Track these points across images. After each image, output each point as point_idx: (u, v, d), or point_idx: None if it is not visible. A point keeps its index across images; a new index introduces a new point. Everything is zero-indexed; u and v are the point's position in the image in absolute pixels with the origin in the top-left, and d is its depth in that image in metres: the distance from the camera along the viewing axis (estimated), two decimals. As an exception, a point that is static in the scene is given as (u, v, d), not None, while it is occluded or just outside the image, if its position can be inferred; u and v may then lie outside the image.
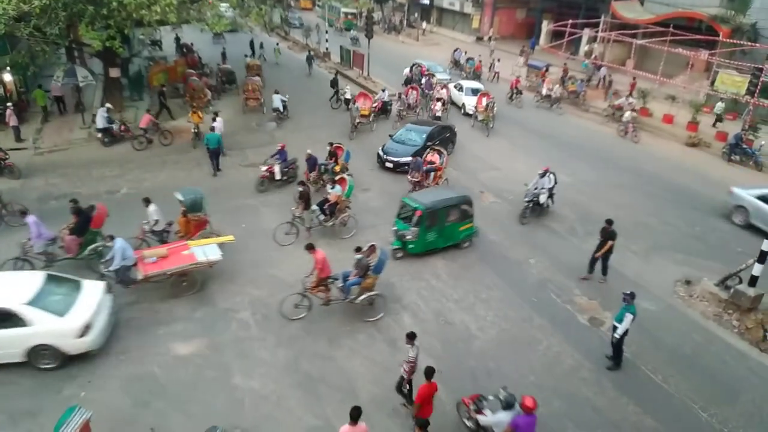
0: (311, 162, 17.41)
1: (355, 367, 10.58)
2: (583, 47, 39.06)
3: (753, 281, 12.61)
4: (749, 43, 27.27)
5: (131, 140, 20.56)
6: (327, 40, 39.72)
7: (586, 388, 10.45)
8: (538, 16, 46.14)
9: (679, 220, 17.32)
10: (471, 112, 26.30)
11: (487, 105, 24.87)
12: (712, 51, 28.88)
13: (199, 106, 24.82)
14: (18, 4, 16.05)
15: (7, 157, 17.66)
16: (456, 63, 37.48)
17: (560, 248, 15.38)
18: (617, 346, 10.76)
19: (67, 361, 10.13)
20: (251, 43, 36.52)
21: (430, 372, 8.54)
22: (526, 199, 16.38)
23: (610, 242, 13.12)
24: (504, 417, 8.13)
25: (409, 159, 18.82)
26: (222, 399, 9.74)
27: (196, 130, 21.06)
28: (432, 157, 18.28)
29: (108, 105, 20.95)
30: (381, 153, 20.24)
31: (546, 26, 42.93)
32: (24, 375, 9.95)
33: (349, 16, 51.20)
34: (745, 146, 22.13)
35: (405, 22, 56.31)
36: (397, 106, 25.82)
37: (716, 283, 13.45)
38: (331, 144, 18.32)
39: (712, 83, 27.56)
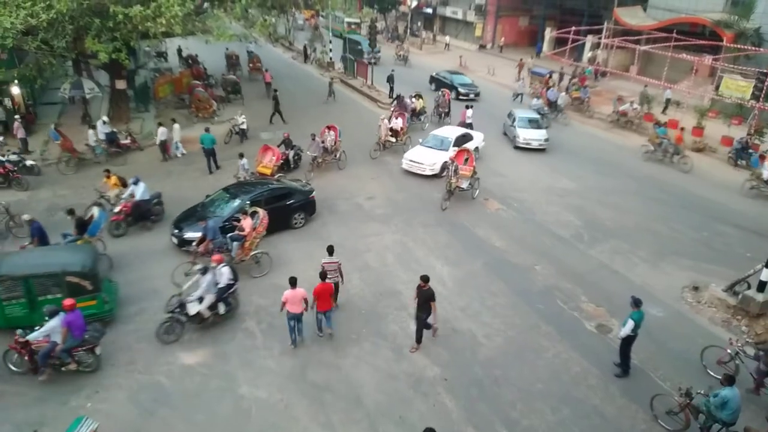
0: (33, 229, 13.13)
1: (360, 376, 10.55)
2: (587, 54, 39.09)
3: (761, 286, 12.50)
4: (753, 48, 27.22)
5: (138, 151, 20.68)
6: (331, 50, 39.97)
7: (594, 395, 10.37)
8: (540, 23, 46.29)
9: (685, 226, 17.22)
10: (429, 173, 19.82)
11: (446, 165, 18.45)
12: (716, 56, 28.80)
13: (204, 117, 25.15)
14: (25, 18, 16.26)
15: (15, 169, 17.83)
16: (551, 104, 28.37)
17: (566, 254, 15.32)
18: (622, 352, 10.68)
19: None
20: (305, 49, 42.80)
21: (323, 275, 10.84)
22: (169, 310, 11.22)
23: (432, 303, 10.84)
24: (54, 323, 9.65)
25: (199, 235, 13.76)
26: (228, 408, 9.73)
27: (106, 201, 15.81)
28: (244, 222, 13.56)
29: (104, 118, 21.14)
30: (172, 226, 14.98)
31: (549, 33, 43.04)
32: (31, 386, 9.98)
33: (353, 26, 51.50)
34: (751, 151, 22.03)
35: (408, 31, 56.60)
36: (309, 152, 19.84)
37: (724, 289, 13.35)
38: (71, 212, 13.87)
39: (717, 88, 27.48)
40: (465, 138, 21.46)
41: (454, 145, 20.43)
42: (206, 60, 33.74)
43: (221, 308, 11.60)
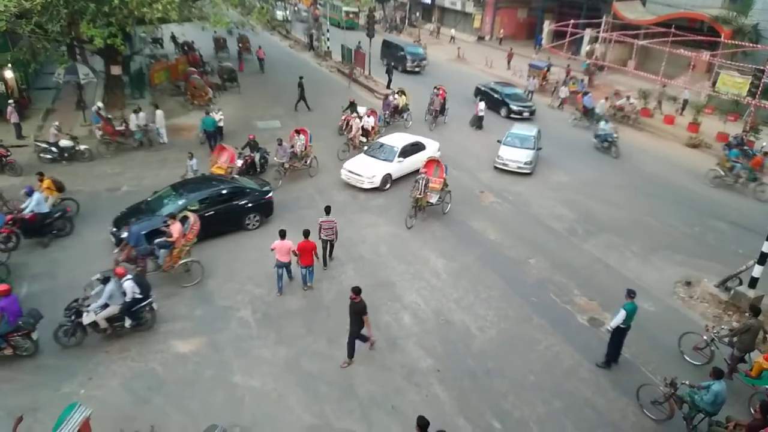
0: None
1: (354, 366, 10.59)
2: (585, 47, 39.01)
3: (753, 282, 12.61)
4: (751, 44, 27.24)
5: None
6: (328, 39, 39.73)
7: (586, 388, 10.46)
8: (539, 15, 46.12)
9: (678, 221, 17.32)
10: (367, 186, 17.88)
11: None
12: (714, 52, 28.85)
13: (199, 104, 24.98)
14: (19, 1, 16.06)
15: (8, 154, 17.71)
16: (587, 112, 26.11)
17: (560, 248, 15.38)
18: (611, 342, 10.80)
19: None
20: (310, 38, 42.27)
21: (306, 233, 12.15)
22: (66, 315, 10.53)
23: (364, 317, 10.27)
24: None
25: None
26: (222, 397, 9.76)
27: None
28: (173, 227, 12.41)
29: (99, 104, 21.03)
30: (112, 224, 13.99)
31: (547, 26, 42.89)
32: (24, 372, 10.00)
33: (351, 15, 51.17)
34: (746, 147, 22.12)
35: (407, 22, 56.36)
36: (276, 158, 18.17)
37: (716, 285, 13.46)
38: None
39: (714, 84, 27.54)
40: (415, 147, 19.36)
41: (399, 156, 18.54)
42: (195, 43, 33.47)
43: (127, 322, 10.80)
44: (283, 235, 12.16)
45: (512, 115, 26.45)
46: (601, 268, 14.51)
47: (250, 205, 15.13)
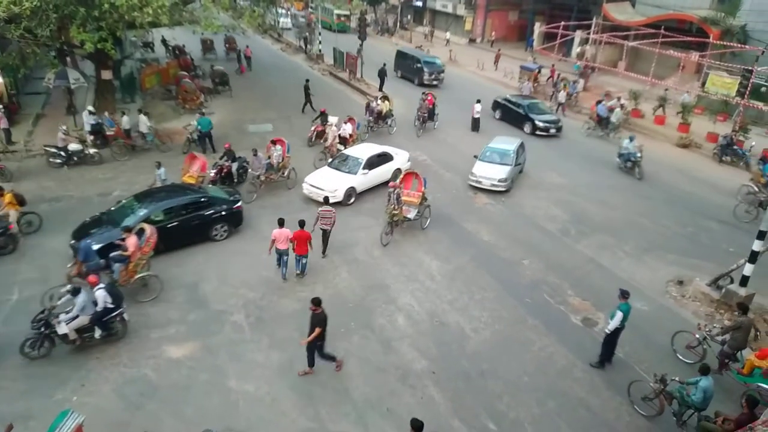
0: None
1: (348, 369, 10.57)
2: (575, 49, 39.27)
3: (744, 281, 12.71)
4: (739, 45, 27.52)
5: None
6: (320, 42, 39.75)
7: (580, 388, 10.49)
8: (530, 18, 46.41)
9: (671, 221, 17.42)
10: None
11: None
12: (703, 53, 29.12)
13: (191, 108, 24.91)
14: (8, 5, 15.91)
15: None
16: (601, 121, 25.06)
17: (554, 249, 15.44)
18: (606, 342, 10.85)
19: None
20: (304, 40, 42.75)
21: (301, 223, 12.75)
22: (34, 327, 10.26)
23: (317, 329, 9.87)
24: None
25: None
26: (216, 401, 9.71)
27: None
28: (129, 240, 12.00)
29: (90, 108, 20.93)
30: (71, 236, 13.27)
31: (538, 28, 43.14)
32: (15, 379, 9.90)
33: (342, 18, 51.24)
34: (735, 147, 22.33)
35: (398, 24, 56.50)
36: (251, 169, 17.59)
37: (708, 283, 13.55)
38: None
39: (703, 85, 27.80)
40: (382, 158, 18.40)
41: (365, 167, 17.59)
42: (186, 46, 33.41)
43: (97, 332, 10.51)
44: (281, 223, 12.76)
45: (537, 132, 24.41)
46: (594, 269, 14.57)
47: (217, 215, 14.63)
